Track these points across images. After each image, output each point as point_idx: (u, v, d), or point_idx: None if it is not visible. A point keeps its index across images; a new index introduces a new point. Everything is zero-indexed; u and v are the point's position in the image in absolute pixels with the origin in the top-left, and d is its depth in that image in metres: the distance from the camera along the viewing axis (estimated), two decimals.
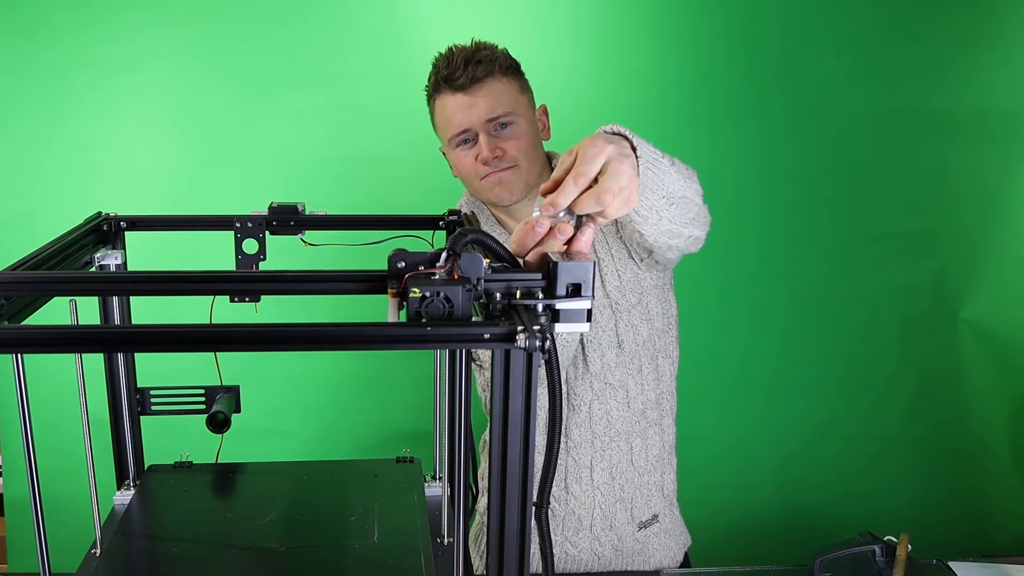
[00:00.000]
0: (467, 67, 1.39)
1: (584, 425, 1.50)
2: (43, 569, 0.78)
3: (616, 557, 1.56)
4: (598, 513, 1.53)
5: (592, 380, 1.48)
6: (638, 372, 1.50)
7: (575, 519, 1.54)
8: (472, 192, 1.50)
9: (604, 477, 1.52)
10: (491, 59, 1.41)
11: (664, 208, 1.08)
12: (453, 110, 1.41)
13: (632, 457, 1.53)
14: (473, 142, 1.42)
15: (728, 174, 2.04)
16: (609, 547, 1.55)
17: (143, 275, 0.80)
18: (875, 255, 2.09)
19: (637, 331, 1.48)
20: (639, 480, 1.54)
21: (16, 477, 2.03)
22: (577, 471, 1.52)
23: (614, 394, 1.49)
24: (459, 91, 1.40)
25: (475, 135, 1.41)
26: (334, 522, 1.03)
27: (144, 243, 1.19)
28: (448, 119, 1.42)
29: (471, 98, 1.39)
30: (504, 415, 0.72)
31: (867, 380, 2.15)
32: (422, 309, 0.71)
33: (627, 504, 1.54)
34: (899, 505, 2.19)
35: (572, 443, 1.51)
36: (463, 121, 1.40)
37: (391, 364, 2.07)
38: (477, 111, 1.39)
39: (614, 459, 1.52)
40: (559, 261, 0.75)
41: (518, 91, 1.44)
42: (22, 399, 0.73)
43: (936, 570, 1.42)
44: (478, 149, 1.41)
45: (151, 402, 1.19)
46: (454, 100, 1.40)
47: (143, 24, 1.92)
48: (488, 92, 1.39)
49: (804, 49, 2.00)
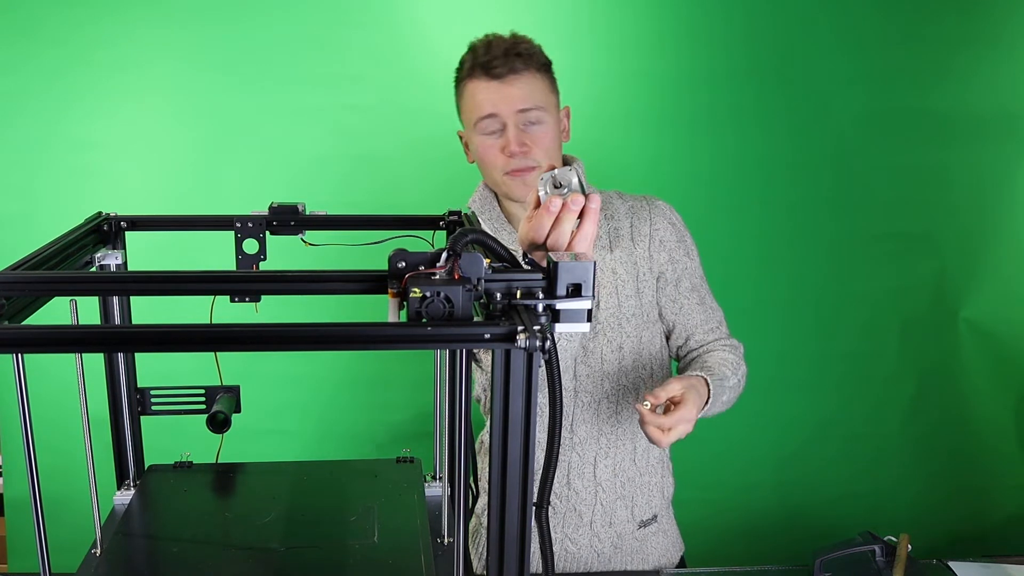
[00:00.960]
0: (507, 58, 1.39)
1: (591, 421, 1.50)
2: (43, 569, 0.78)
3: (615, 554, 1.56)
4: (599, 509, 1.54)
5: (605, 380, 1.48)
6: (649, 377, 1.52)
7: (575, 515, 1.54)
8: (490, 181, 1.49)
9: (607, 474, 1.52)
10: (530, 54, 1.42)
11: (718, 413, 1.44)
12: (485, 95, 1.41)
13: (635, 456, 1.54)
14: (499, 132, 1.42)
15: (728, 174, 2.04)
16: (609, 544, 1.55)
17: (143, 275, 0.80)
18: (875, 255, 2.09)
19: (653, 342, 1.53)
20: (640, 480, 1.55)
21: (16, 477, 2.03)
22: (580, 466, 1.52)
23: (626, 395, 1.50)
24: (494, 79, 1.40)
25: (502, 125, 1.41)
26: (334, 522, 1.03)
27: (144, 243, 1.19)
28: (478, 103, 1.42)
29: (506, 87, 1.39)
30: (504, 415, 0.73)
31: (867, 380, 2.15)
32: (422, 309, 0.71)
33: (628, 502, 1.55)
34: (899, 505, 2.19)
35: (577, 439, 1.51)
36: (493, 108, 1.40)
37: (391, 364, 2.07)
38: (510, 101, 1.39)
39: (618, 456, 1.52)
40: (559, 261, 0.75)
41: (549, 90, 1.45)
42: (22, 399, 0.73)
43: (936, 570, 1.42)
44: (505, 141, 1.41)
45: (151, 402, 1.19)
46: (488, 87, 1.40)
47: (144, 24, 1.92)
48: (523, 85, 1.40)
49: (804, 49, 2.01)
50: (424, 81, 1.97)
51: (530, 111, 1.40)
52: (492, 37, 1.44)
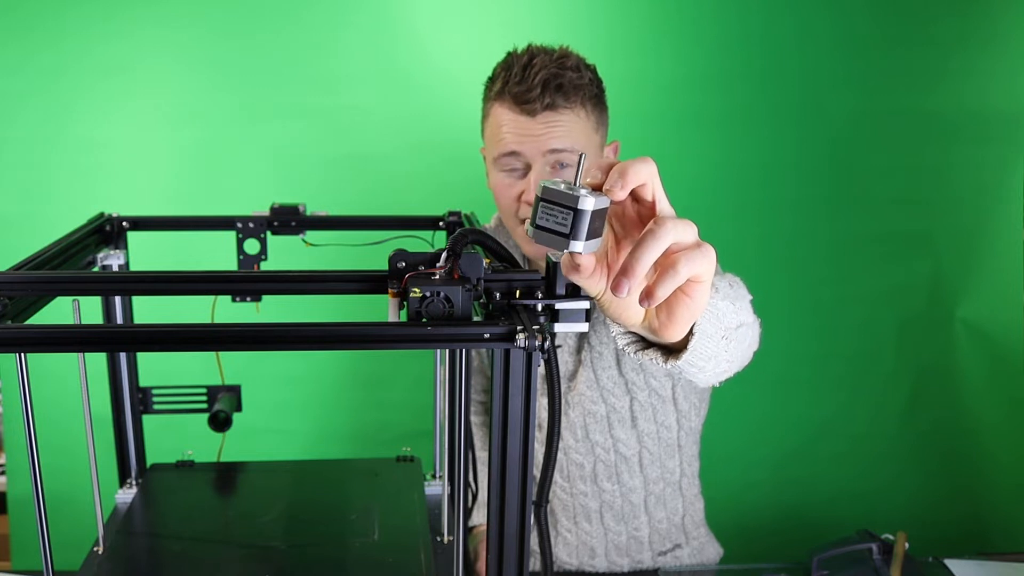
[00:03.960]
0: (545, 90, 1.16)
1: (588, 479, 1.45)
2: (46, 567, 0.78)
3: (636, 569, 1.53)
4: (611, 547, 1.50)
5: (595, 447, 1.42)
6: (655, 445, 1.44)
7: (588, 549, 1.50)
8: (504, 220, 1.32)
9: (615, 520, 1.48)
10: (576, 87, 1.18)
11: (722, 350, 0.86)
12: (510, 129, 1.19)
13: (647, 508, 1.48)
14: (521, 172, 1.22)
15: (725, 175, 2.04)
16: (629, 567, 1.52)
17: (145, 275, 0.81)
18: (872, 255, 2.10)
19: (656, 410, 1.42)
20: (656, 525, 1.50)
21: (19, 475, 2.04)
22: (586, 513, 1.47)
23: (624, 461, 1.43)
24: (525, 114, 1.17)
25: (526, 166, 1.21)
26: (335, 520, 1.04)
27: (146, 243, 1.19)
28: (500, 137, 1.20)
29: (537, 126, 1.17)
30: (504, 415, 0.73)
31: (864, 379, 2.15)
32: (422, 309, 0.71)
33: (641, 541, 1.50)
34: (896, 503, 2.20)
35: (578, 491, 1.46)
36: (518, 145, 1.19)
37: (391, 364, 2.07)
38: (538, 142, 1.18)
39: (625, 509, 1.47)
40: (558, 261, 0.75)
41: (593, 128, 1.23)
42: (25, 398, 0.73)
43: (933, 568, 1.43)
44: (525, 184, 1.20)
45: (153, 401, 1.19)
46: (515, 120, 1.18)
47: (144, 24, 1.92)
48: (559, 124, 1.17)
49: (800, 50, 2.01)
50: (425, 82, 1.98)
51: (563, 153, 1.18)
52: (535, 52, 1.19)
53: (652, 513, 1.49)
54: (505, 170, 1.23)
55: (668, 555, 1.53)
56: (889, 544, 1.36)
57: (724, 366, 0.91)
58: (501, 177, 1.24)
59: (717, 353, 0.85)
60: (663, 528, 1.51)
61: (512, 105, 1.19)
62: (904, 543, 1.36)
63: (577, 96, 1.19)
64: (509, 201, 1.25)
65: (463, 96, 1.99)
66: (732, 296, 0.92)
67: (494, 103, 1.23)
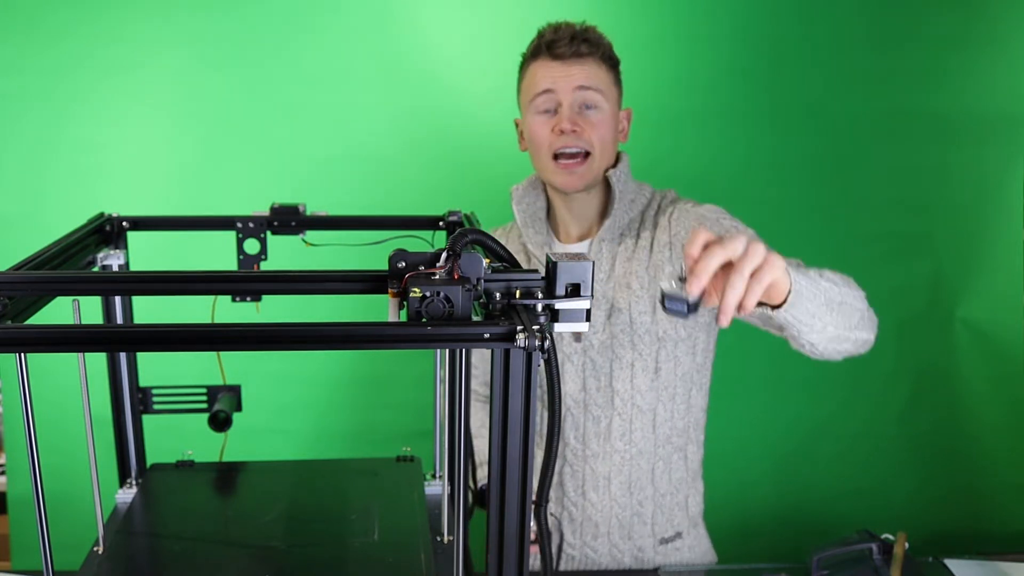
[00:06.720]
0: (572, 41, 1.39)
1: (603, 437, 1.47)
2: (46, 567, 0.79)
3: (636, 566, 1.53)
4: (615, 523, 1.51)
5: (615, 397, 1.45)
6: (670, 400, 1.47)
7: (592, 525, 1.51)
8: (537, 166, 1.46)
9: (622, 490, 1.49)
10: (597, 42, 1.41)
11: (825, 314, 1.13)
12: (544, 74, 1.40)
13: (654, 478, 1.50)
14: (553, 111, 1.40)
15: (725, 175, 2.04)
16: (629, 556, 1.53)
17: (145, 275, 0.81)
18: (872, 255, 2.10)
19: (679, 362, 1.46)
20: (659, 500, 1.51)
21: (19, 476, 2.04)
22: (595, 479, 1.49)
23: (640, 416, 1.46)
24: (557, 59, 1.39)
25: (557, 105, 1.39)
26: (335, 520, 1.04)
27: (146, 243, 1.19)
28: (536, 81, 1.41)
29: (567, 67, 1.38)
30: (504, 415, 0.73)
31: (864, 379, 2.15)
32: (422, 309, 0.71)
33: (646, 519, 1.51)
34: (896, 503, 2.20)
35: (590, 452, 1.48)
36: (552, 83, 1.39)
37: (391, 364, 2.07)
38: (569, 80, 1.38)
39: (633, 475, 1.49)
40: (558, 261, 0.75)
41: (612, 81, 1.43)
42: (25, 398, 0.73)
43: (933, 568, 1.43)
44: (558, 119, 1.39)
45: (153, 401, 1.20)
46: (547, 66, 1.39)
47: (145, 24, 1.92)
48: (585, 67, 1.38)
49: (799, 50, 2.01)
50: (425, 81, 1.98)
51: (588, 91, 1.38)
52: (563, 23, 1.43)
53: (657, 485, 1.51)
54: (540, 111, 1.41)
55: (668, 545, 1.54)
56: (889, 544, 1.36)
57: (831, 332, 1.16)
58: (536, 118, 1.41)
59: (818, 314, 1.11)
60: (666, 505, 1.52)
61: (544, 55, 1.40)
62: (904, 543, 1.36)
63: (599, 49, 1.41)
64: (544, 137, 1.40)
65: (464, 96, 2.00)
66: (839, 282, 1.18)
67: (529, 63, 1.43)
